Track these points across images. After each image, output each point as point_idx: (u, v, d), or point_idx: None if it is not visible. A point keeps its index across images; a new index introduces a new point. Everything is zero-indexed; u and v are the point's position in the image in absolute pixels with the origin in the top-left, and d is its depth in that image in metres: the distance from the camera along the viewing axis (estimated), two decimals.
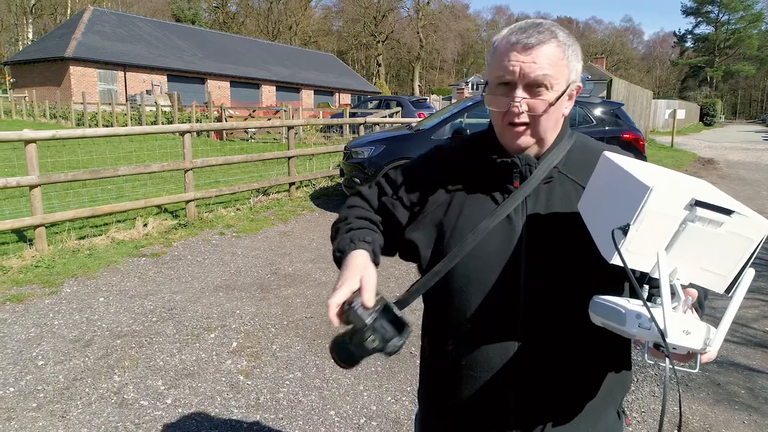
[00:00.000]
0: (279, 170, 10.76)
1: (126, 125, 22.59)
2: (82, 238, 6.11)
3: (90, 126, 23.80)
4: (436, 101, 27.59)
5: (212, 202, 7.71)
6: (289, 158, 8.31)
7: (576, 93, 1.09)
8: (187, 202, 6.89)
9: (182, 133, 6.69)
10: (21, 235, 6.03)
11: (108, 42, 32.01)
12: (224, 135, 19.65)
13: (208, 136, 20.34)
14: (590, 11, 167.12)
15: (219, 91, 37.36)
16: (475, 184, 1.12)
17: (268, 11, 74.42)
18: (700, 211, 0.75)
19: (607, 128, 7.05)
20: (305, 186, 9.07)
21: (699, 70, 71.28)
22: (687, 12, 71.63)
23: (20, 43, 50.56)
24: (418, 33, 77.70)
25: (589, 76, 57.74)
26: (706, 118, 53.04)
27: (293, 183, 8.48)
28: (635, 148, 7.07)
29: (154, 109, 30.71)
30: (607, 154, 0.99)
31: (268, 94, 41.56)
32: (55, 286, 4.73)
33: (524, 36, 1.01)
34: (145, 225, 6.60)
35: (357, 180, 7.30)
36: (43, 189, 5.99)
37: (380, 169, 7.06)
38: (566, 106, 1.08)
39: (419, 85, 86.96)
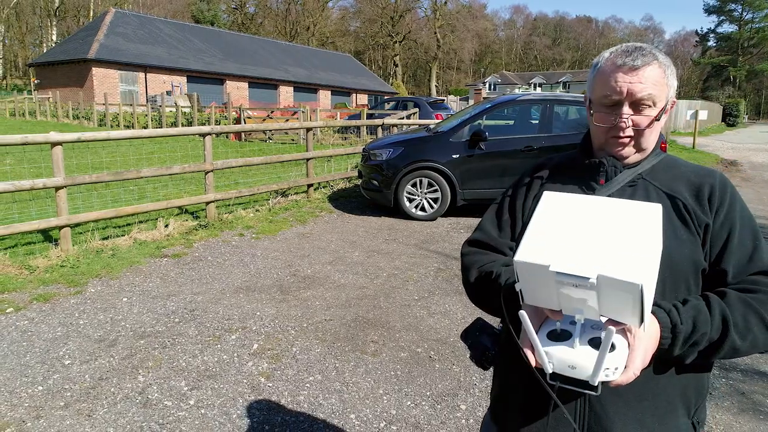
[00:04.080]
0: (297, 171, 10.83)
1: (146, 126, 22.92)
2: (106, 238, 6.23)
3: (112, 127, 24.19)
4: (453, 102, 27.52)
5: (232, 203, 7.79)
6: (308, 160, 8.36)
7: (671, 107, 1.19)
8: (208, 203, 6.98)
9: (203, 135, 6.77)
10: (47, 235, 6.16)
11: (129, 44, 32.52)
12: (243, 136, 19.84)
13: (227, 137, 20.54)
14: (610, 10, 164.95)
15: (237, 91, 37.71)
16: (565, 181, 1.26)
17: (286, 12, 74.85)
18: (564, 277, 0.86)
19: None
20: (323, 187, 9.11)
21: (722, 69, 69.97)
22: (709, 10, 70.37)
23: (44, 44, 51.58)
24: (435, 33, 77.49)
25: None
26: (728, 118, 52.04)
27: (311, 184, 8.53)
28: None
29: (174, 109, 31.15)
30: (547, 194, 1.06)
31: (286, 94, 41.82)
32: (79, 286, 4.83)
33: (630, 59, 1.13)
34: (166, 226, 6.69)
35: (375, 182, 7.32)
36: (68, 190, 6.10)
37: (398, 171, 7.09)
38: (663, 122, 1.19)
39: (436, 86, 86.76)
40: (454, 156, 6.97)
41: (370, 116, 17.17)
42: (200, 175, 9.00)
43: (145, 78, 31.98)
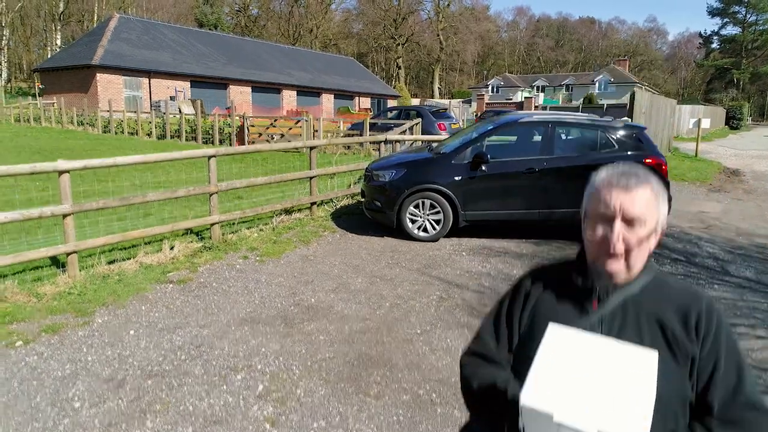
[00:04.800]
0: (300, 187, 10.88)
1: (150, 133, 23.04)
2: (112, 262, 6.30)
3: (116, 133, 24.33)
4: (456, 108, 27.54)
5: (236, 222, 7.86)
6: (311, 178, 8.43)
7: (661, 234, 1.28)
8: (212, 224, 7.05)
9: (208, 158, 6.85)
10: (54, 260, 6.24)
11: (134, 49, 32.67)
12: (246, 143, 19.93)
13: (230, 144, 20.65)
14: (613, 11, 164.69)
15: (241, 96, 37.84)
16: (560, 297, 1.34)
17: (289, 15, 75.03)
18: (565, 429, 0.96)
19: (629, 153, 7.01)
20: (326, 203, 9.18)
21: (725, 71, 69.85)
22: (713, 13, 70.27)
23: (48, 48, 51.81)
24: (438, 35, 77.53)
25: (611, 79, 57.06)
26: (732, 121, 51.98)
27: (314, 202, 8.60)
28: (659, 173, 7.02)
29: (177, 115, 31.27)
30: (552, 328, 1.16)
31: (289, 98, 41.94)
32: (87, 316, 4.90)
33: (624, 179, 1.24)
34: (171, 248, 6.77)
35: (378, 203, 7.39)
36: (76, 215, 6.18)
37: (401, 193, 7.15)
38: (652, 244, 1.26)
39: (439, 87, 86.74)
40: (456, 178, 7.03)
41: (372, 126, 17.23)
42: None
43: (149, 83, 32.12)
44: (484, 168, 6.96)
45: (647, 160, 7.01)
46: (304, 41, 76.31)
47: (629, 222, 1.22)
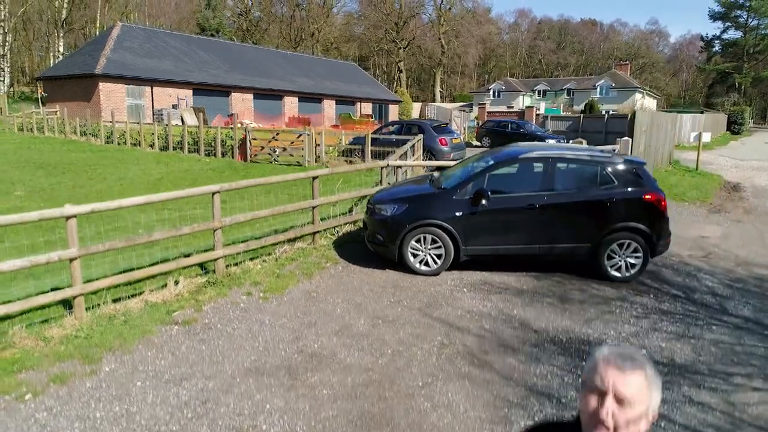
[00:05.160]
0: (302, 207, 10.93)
1: (153, 144, 23.15)
2: (117, 300, 6.39)
3: (119, 144, 24.45)
4: (457, 117, 27.60)
5: (240, 254, 7.93)
6: (314, 208, 8.51)
7: (653, 419, 1.37)
8: (216, 259, 7.14)
9: (213, 194, 6.93)
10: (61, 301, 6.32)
11: (136, 58, 32.79)
12: (248, 156, 20.04)
13: (232, 157, 20.76)
14: (615, 14, 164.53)
15: (243, 103, 37.96)
16: None
17: (291, 19, 75.12)
18: None
19: (629, 189, 7.08)
20: (328, 231, 9.25)
21: (727, 75, 69.80)
22: (714, 17, 70.25)
23: (51, 54, 51.98)
24: (439, 39, 77.58)
25: (613, 84, 57.08)
26: (733, 126, 52.00)
27: (317, 231, 8.68)
28: (657, 209, 7.11)
29: (180, 123, 31.37)
30: None
31: (291, 105, 42.04)
32: (94, 363, 4.99)
33: (621, 360, 1.35)
34: (176, 283, 6.86)
35: (380, 237, 7.47)
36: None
37: (403, 228, 7.24)
38: (642, 428, 1.35)
39: (441, 91, 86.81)
40: (457, 214, 7.11)
41: (374, 141, 17.32)
42: (208, 199, 9.10)
43: (152, 92, 32.24)
44: (484, 203, 7.04)
45: (646, 196, 7.08)
46: (305, 45, 76.41)
47: (620, 401, 1.32)
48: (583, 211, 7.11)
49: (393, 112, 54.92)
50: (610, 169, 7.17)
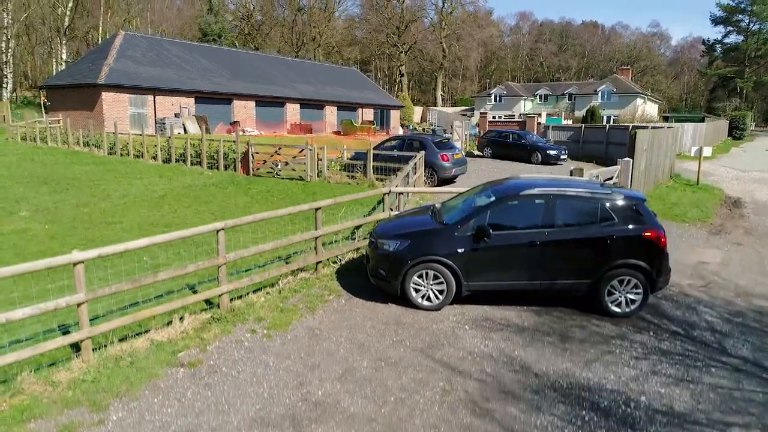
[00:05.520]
0: (304, 226, 11.02)
1: (155, 156, 23.24)
2: (124, 338, 6.48)
3: (122, 155, 24.55)
4: (458, 127, 27.67)
5: (244, 287, 8.01)
6: (316, 238, 8.59)
7: None
8: (221, 295, 7.22)
9: (217, 231, 7.02)
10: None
11: (139, 67, 32.92)
12: (251, 170, 20.13)
13: (234, 170, 20.85)
14: (616, 16, 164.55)
15: (245, 110, 38.07)
16: None
17: (293, 23, 75.25)
18: None
19: (629, 226, 7.15)
20: (331, 260, 9.33)
21: (728, 80, 69.80)
22: (716, 21, 70.23)
23: (54, 60, 52.13)
24: (441, 43, 77.70)
25: (614, 89, 57.13)
26: (735, 131, 52.08)
27: (320, 261, 8.76)
28: (657, 247, 7.18)
29: (182, 132, 31.49)
30: None
31: (293, 112, 42.14)
32: (102, 411, 5.07)
33: None
34: (181, 319, 6.95)
35: (382, 272, 7.55)
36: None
37: (405, 264, 7.31)
38: None
39: (442, 94, 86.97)
40: (458, 250, 7.18)
41: (375, 156, 17.39)
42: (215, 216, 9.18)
43: (154, 101, 32.36)
44: (486, 240, 7.12)
45: (646, 234, 7.15)
46: (307, 49, 76.55)
47: None
48: (583, 248, 7.19)
49: (394, 118, 55.02)
50: (610, 206, 7.24)
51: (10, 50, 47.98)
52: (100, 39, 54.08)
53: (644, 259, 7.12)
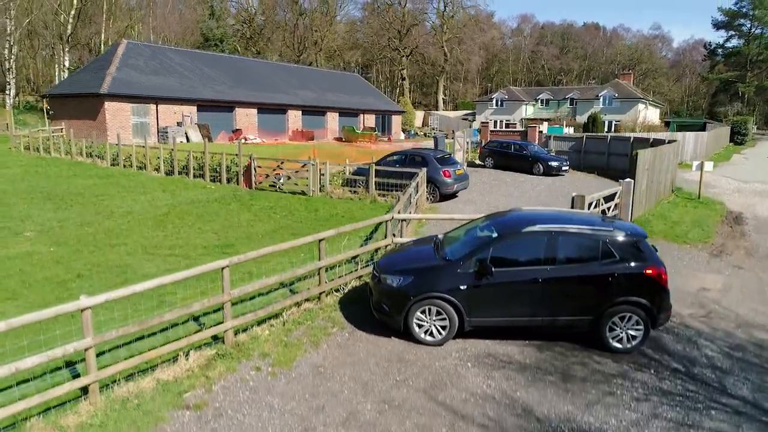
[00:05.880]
0: (307, 250, 11.05)
1: (158, 168, 23.34)
2: (130, 377, 6.55)
3: (125, 167, 24.67)
4: (460, 138, 27.72)
5: (249, 321, 8.08)
6: (320, 269, 8.67)
7: None
8: (226, 330, 7.30)
9: (222, 269, 7.09)
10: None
11: (141, 75, 33.06)
12: (253, 184, 20.22)
13: (237, 184, 20.94)
14: (618, 19, 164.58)
15: (247, 118, 38.18)
16: None
17: (294, 27, 75.38)
18: None
19: (631, 264, 7.21)
20: (334, 290, 9.39)
21: (730, 84, 69.78)
22: (718, 26, 70.22)
23: (57, 66, 52.30)
24: (442, 47, 77.81)
25: (616, 94, 57.14)
26: (737, 137, 52.11)
27: (324, 291, 8.84)
28: (658, 284, 7.24)
29: (185, 140, 31.60)
30: None
31: (294, 119, 42.26)
32: None
33: None
34: (186, 356, 7.02)
35: (386, 307, 7.62)
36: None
37: (408, 300, 7.38)
38: None
39: (443, 98, 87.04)
40: (461, 287, 7.25)
41: (377, 173, 17.46)
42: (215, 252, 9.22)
43: (156, 109, 32.50)
44: (488, 278, 7.18)
45: (648, 271, 7.22)
46: (308, 53, 76.71)
47: None
48: (585, 285, 7.26)
49: (396, 123, 55.12)
50: (611, 242, 7.30)
51: (13, 56, 48.11)
52: (102, 46, 54.25)
53: (645, 296, 7.18)
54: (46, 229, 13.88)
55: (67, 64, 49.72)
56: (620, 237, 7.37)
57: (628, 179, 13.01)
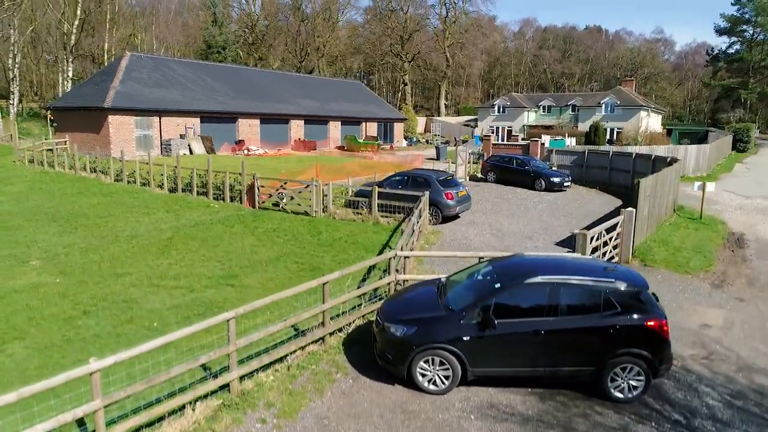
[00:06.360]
0: (311, 293, 11.13)
1: (162, 185, 23.47)
2: (138, 431, 6.64)
3: (128, 183, 24.80)
4: (462, 152, 27.81)
5: (253, 369, 8.16)
6: (323, 312, 8.76)
7: None
8: (231, 380, 7.39)
9: (227, 320, 7.18)
10: None
11: (144, 88, 33.21)
12: (256, 203, 20.32)
13: (240, 202, 21.05)
14: (620, 23, 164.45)
15: (249, 129, 38.32)
16: None
17: (297, 33, 75.52)
18: None
19: (632, 316, 7.28)
20: (338, 330, 9.47)
21: (732, 91, 69.74)
22: (720, 32, 70.20)
23: (60, 75, 52.52)
24: (444, 52, 77.92)
25: (618, 102, 57.17)
26: (739, 144, 52.08)
27: (327, 333, 8.92)
28: (659, 336, 7.31)
29: (188, 153, 31.72)
30: None
31: (297, 128, 42.38)
32: None
33: None
34: (193, 408, 7.11)
35: (389, 356, 7.70)
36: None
37: (411, 350, 7.46)
38: None
39: (445, 103, 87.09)
40: (464, 338, 7.34)
41: (380, 195, 17.54)
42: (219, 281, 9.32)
43: (159, 122, 32.64)
44: (491, 329, 7.26)
45: (649, 323, 7.29)
46: (311, 59, 76.86)
47: None
48: (587, 336, 7.33)
49: (398, 130, 55.23)
50: (613, 294, 7.37)
51: (17, 65, 48.34)
52: (105, 56, 54.52)
53: (646, 348, 7.25)
54: (51, 256, 13.99)
55: (71, 74, 49.92)
56: (622, 288, 7.43)
57: (629, 208, 13.07)
